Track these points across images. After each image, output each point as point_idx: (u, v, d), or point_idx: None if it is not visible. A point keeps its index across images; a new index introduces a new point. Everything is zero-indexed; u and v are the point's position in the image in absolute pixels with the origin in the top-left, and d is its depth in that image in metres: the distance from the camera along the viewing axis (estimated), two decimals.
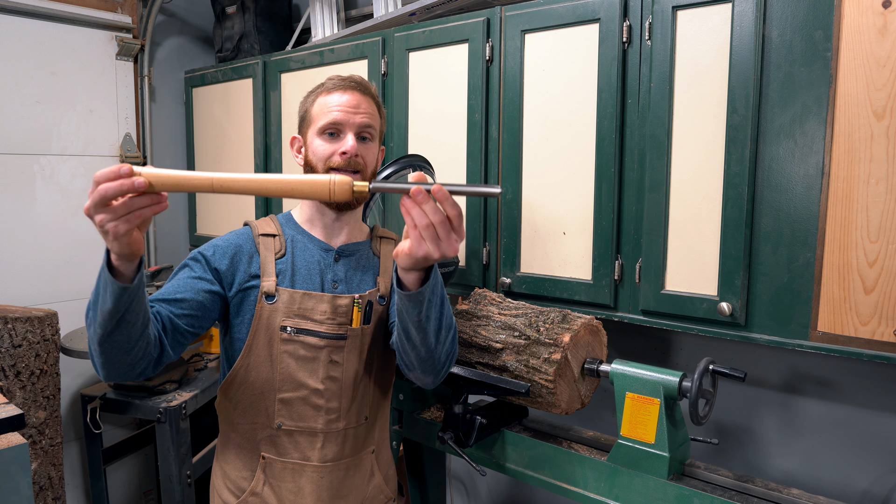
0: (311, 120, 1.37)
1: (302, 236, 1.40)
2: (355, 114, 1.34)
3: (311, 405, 1.33)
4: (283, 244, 1.37)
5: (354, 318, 1.35)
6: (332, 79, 1.39)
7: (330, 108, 1.34)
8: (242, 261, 1.34)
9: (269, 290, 1.32)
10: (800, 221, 1.41)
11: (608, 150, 1.66)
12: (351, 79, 1.38)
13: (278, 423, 1.33)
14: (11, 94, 2.61)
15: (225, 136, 2.81)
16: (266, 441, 1.34)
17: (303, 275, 1.35)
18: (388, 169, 1.80)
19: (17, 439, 1.24)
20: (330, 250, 1.40)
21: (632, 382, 1.44)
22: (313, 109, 1.37)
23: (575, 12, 1.69)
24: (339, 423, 1.35)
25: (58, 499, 2.36)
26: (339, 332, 1.33)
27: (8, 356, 2.16)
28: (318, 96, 1.38)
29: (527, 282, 1.85)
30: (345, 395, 1.35)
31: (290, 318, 1.32)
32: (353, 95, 1.35)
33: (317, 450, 1.33)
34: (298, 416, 1.33)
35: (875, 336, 1.32)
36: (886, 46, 1.27)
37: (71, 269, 2.81)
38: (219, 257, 1.33)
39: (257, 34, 2.83)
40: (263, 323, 1.32)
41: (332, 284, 1.37)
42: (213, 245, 1.36)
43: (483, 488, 2.54)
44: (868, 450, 1.68)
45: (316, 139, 1.35)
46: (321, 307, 1.33)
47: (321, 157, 1.34)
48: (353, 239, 1.45)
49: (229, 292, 1.34)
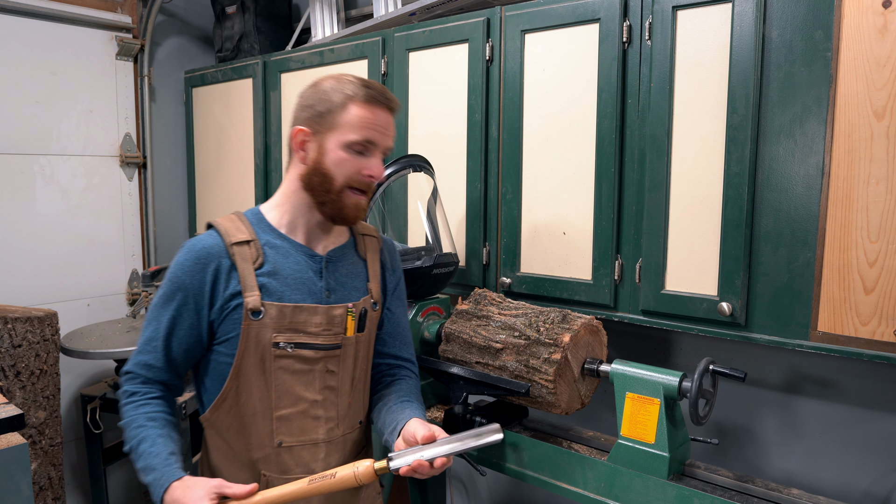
0: (337, 125, 1.22)
1: (282, 241, 1.29)
2: (386, 135, 1.26)
3: (311, 417, 1.29)
4: (259, 252, 1.25)
5: (349, 327, 1.31)
6: (369, 87, 1.24)
7: (367, 124, 1.22)
8: (220, 279, 1.23)
9: (255, 307, 1.22)
10: (800, 221, 1.41)
11: (608, 149, 1.66)
12: (386, 95, 1.26)
13: (279, 442, 1.27)
14: (11, 94, 2.61)
15: (225, 136, 2.81)
16: (265, 460, 1.28)
17: (290, 286, 1.26)
18: (388, 169, 1.80)
19: (17, 439, 1.24)
20: (316, 257, 1.31)
21: (632, 382, 1.44)
22: (344, 116, 1.22)
23: (575, 12, 1.69)
24: (338, 430, 1.33)
25: (58, 499, 2.36)
26: (334, 343, 1.30)
27: (8, 356, 2.16)
28: (352, 103, 1.22)
29: (527, 282, 1.85)
30: (342, 403, 1.33)
31: (282, 334, 1.24)
32: (386, 114, 1.25)
33: (320, 460, 1.30)
34: (299, 431, 1.29)
35: (875, 336, 1.32)
36: (886, 46, 1.27)
37: (71, 269, 2.81)
38: (194, 283, 1.23)
39: (257, 34, 2.83)
40: (252, 341, 1.23)
41: (325, 294, 1.30)
42: (183, 268, 1.24)
43: (483, 488, 2.54)
44: (868, 450, 1.68)
45: (341, 150, 1.22)
46: (315, 319, 1.27)
47: (344, 172, 1.23)
48: (336, 241, 1.36)
49: (211, 314, 1.25)
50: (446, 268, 1.80)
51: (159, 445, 1.21)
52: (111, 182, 2.93)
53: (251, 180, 2.66)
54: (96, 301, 2.91)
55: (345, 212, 1.26)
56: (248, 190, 2.68)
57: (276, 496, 1.16)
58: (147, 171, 3.03)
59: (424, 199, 1.92)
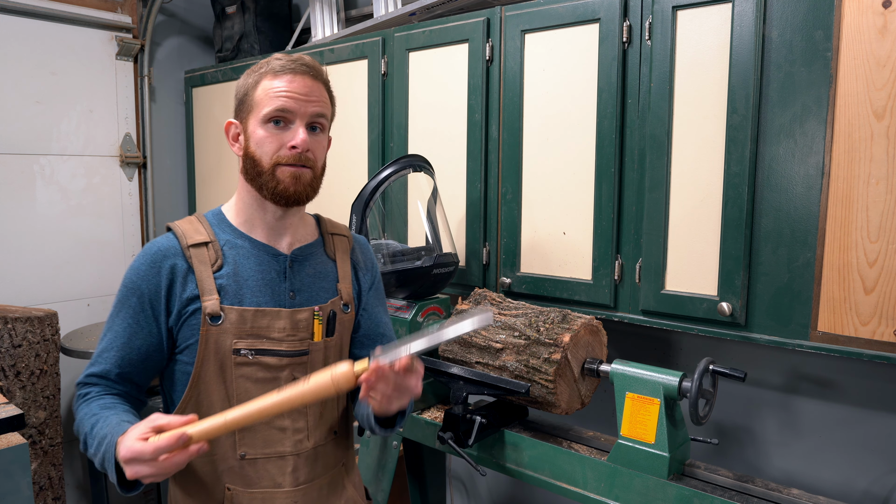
0: (253, 105, 1.17)
1: (242, 241, 1.21)
2: (307, 101, 1.16)
3: (276, 428, 1.19)
4: (218, 253, 1.18)
5: (316, 332, 1.22)
6: (278, 58, 1.18)
7: (277, 93, 1.14)
8: (177, 283, 1.16)
9: (213, 311, 1.14)
10: (800, 221, 1.41)
11: (608, 149, 1.66)
12: (301, 60, 1.18)
13: (241, 454, 1.18)
14: (11, 94, 2.61)
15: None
16: (228, 472, 1.19)
17: (251, 288, 1.18)
18: (388, 169, 1.80)
19: (17, 439, 1.25)
20: (280, 256, 1.22)
21: (632, 382, 1.44)
22: (256, 93, 1.16)
23: (575, 12, 1.69)
24: (308, 443, 1.22)
25: (58, 499, 2.36)
26: (300, 349, 1.20)
27: (8, 356, 2.16)
28: (263, 78, 1.16)
29: (527, 282, 1.85)
30: (311, 413, 1.22)
31: (243, 340, 1.16)
32: (303, 80, 1.16)
33: (288, 474, 1.20)
34: (263, 443, 1.19)
35: (875, 336, 1.32)
36: (886, 46, 1.27)
37: (71, 269, 2.81)
38: (150, 288, 1.17)
39: (257, 34, 2.83)
40: (211, 348, 1.15)
41: (289, 296, 1.21)
42: (138, 272, 1.17)
43: (483, 488, 2.54)
44: (868, 450, 1.68)
45: (259, 129, 1.16)
46: (278, 324, 1.18)
47: (267, 150, 1.15)
48: (302, 240, 1.27)
49: (169, 321, 1.17)
50: (446, 268, 1.80)
51: (111, 418, 1.09)
52: (111, 182, 2.93)
53: None
54: (96, 301, 2.91)
55: (280, 188, 1.16)
56: None
57: (241, 416, 1.00)
58: (147, 171, 3.03)
59: (424, 199, 1.92)
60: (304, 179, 1.17)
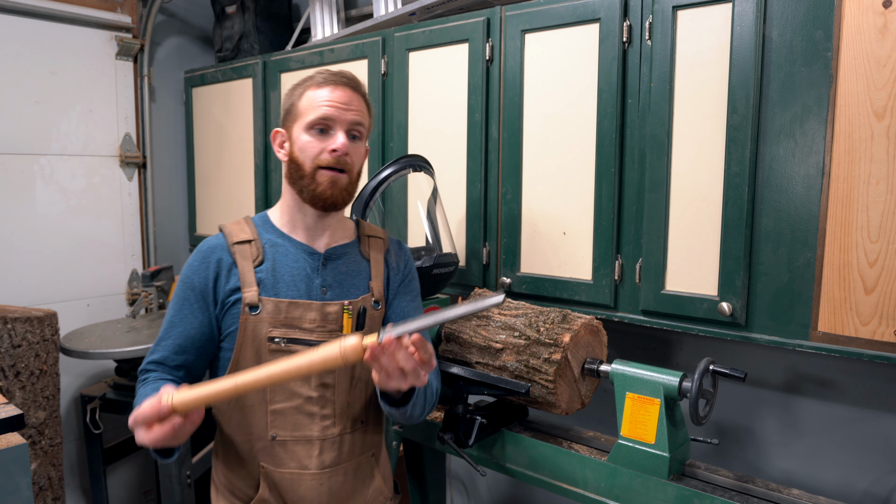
0: (297, 114, 1.30)
1: (283, 240, 1.34)
2: (346, 110, 1.28)
3: (306, 413, 1.30)
4: (259, 250, 1.32)
5: (345, 325, 1.31)
6: (321, 72, 1.32)
7: (320, 102, 1.27)
8: (221, 276, 1.30)
9: (252, 301, 1.27)
10: (800, 221, 1.41)
11: (608, 149, 1.66)
12: (342, 74, 1.32)
13: (272, 435, 1.30)
14: (11, 94, 2.61)
15: (225, 136, 2.81)
16: (262, 452, 1.31)
17: (287, 282, 1.30)
18: (388, 169, 1.80)
19: (16, 439, 1.24)
20: (315, 254, 1.34)
21: (632, 382, 1.44)
22: (301, 103, 1.30)
23: (575, 12, 1.69)
24: (335, 429, 1.32)
25: (58, 499, 2.36)
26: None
27: (7, 356, 2.16)
28: (307, 90, 1.30)
29: (527, 282, 1.85)
30: (339, 401, 1.32)
31: (277, 329, 1.28)
32: (344, 91, 1.29)
33: (314, 457, 1.31)
34: (293, 426, 1.30)
35: (875, 336, 1.32)
36: (887, 46, 1.27)
37: (71, 269, 2.81)
38: (200, 280, 1.30)
39: (257, 34, 2.83)
40: (249, 335, 1.28)
41: (321, 290, 1.32)
42: (191, 267, 1.32)
43: (483, 488, 2.54)
44: (868, 450, 1.68)
45: (303, 135, 1.28)
46: (309, 315, 1.29)
47: (310, 154, 1.28)
48: (339, 240, 1.38)
49: (216, 310, 1.31)
50: (446, 268, 1.80)
51: (151, 392, 1.15)
52: (111, 182, 2.93)
53: (251, 180, 2.66)
54: (96, 301, 2.91)
55: (319, 191, 1.28)
56: (248, 190, 2.68)
57: (247, 382, 1.05)
58: (147, 171, 3.03)
59: (424, 199, 1.92)
60: (340, 184, 1.29)
